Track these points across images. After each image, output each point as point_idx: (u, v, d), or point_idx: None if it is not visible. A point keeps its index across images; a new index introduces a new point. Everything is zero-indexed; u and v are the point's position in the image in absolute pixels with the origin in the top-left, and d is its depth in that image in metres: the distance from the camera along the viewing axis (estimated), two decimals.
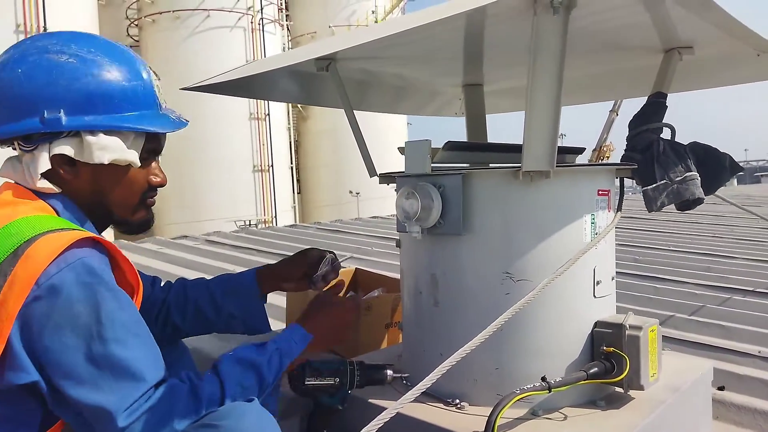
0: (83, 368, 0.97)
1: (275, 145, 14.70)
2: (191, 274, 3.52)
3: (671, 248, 4.33)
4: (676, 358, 1.71)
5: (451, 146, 1.43)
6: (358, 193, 15.55)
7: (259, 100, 13.79)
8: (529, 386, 1.22)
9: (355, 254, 4.13)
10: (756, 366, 2.08)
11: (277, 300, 2.83)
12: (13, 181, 1.15)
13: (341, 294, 1.72)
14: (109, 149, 1.12)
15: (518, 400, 1.19)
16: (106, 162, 1.12)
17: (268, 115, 14.37)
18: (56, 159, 1.11)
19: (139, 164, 1.18)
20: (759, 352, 2.16)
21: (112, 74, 1.13)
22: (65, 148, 1.10)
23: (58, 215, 1.11)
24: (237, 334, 1.62)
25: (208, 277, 1.66)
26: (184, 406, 1.05)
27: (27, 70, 1.08)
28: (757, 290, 3.04)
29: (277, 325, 2.52)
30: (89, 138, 1.11)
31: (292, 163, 16.36)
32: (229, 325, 1.58)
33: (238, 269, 3.78)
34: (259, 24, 14.43)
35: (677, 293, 3.03)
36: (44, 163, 1.10)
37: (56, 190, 1.12)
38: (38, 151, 1.10)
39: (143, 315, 1.35)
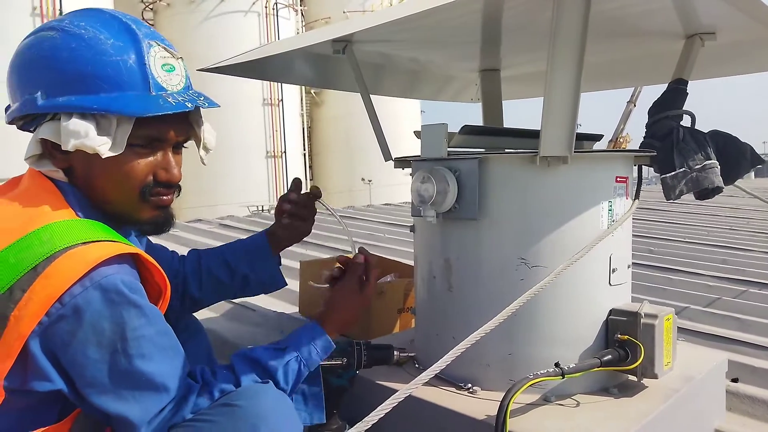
0: (107, 380, 0.97)
1: (288, 131, 14.68)
2: None
3: (686, 240, 4.29)
4: (690, 349, 1.70)
5: (468, 130, 1.42)
6: (370, 181, 15.53)
7: (272, 86, 13.79)
8: (542, 372, 1.22)
9: (368, 240, 4.13)
10: None
11: (289, 282, 2.84)
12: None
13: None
14: (74, 134, 1.00)
15: (531, 385, 1.18)
16: (70, 148, 1.01)
17: (282, 100, 14.34)
18: (45, 144, 1.05)
19: (105, 154, 1.02)
20: None
21: (93, 49, 1.01)
22: (45, 132, 1.03)
23: (75, 212, 1.04)
24: (255, 295, 1.63)
25: None
26: (196, 403, 1.05)
27: (20, 51, 1.05)
28: None
29: (288, 307, 2.54)
30: (64, 122, 1.01)
31: (304, 149, 16.35)
32: (245, 287, 1.57)
33: None
34: (273, 9, 14.38)
35: (692, 285, 3.00)
36: (33, 146, 1.05)
37: (58, 174, 1.07)
38: (35, 134, 1.06)
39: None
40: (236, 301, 2.55)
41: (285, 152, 14.44)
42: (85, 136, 1.00)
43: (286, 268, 3.17)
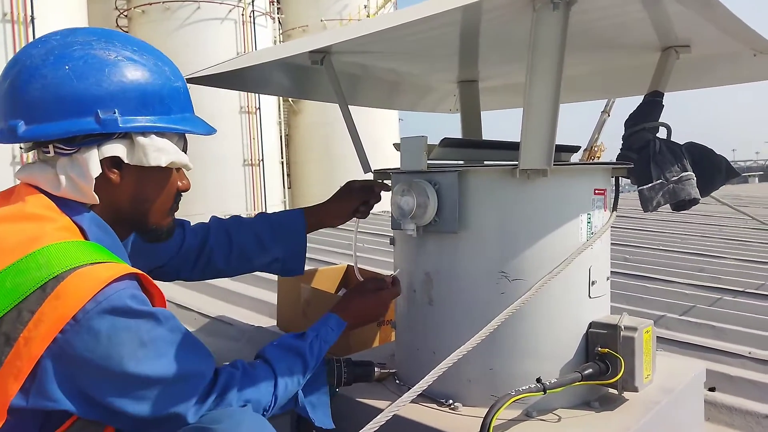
0: (140, 388, 0.98)
1: (266, 139, 14.59)
2: None
3: (661, 248, 4.35)
4: (669, 359, 1.71)
5: (448, 143, 1.41)
6: None
7: (249, 94, 13.71)
8: (524, 388, 1.21)
9: (347, 250, 4.10)
10: (746, 367, 2.08)
11: (266, 296, 2.80)
12: (33, 186, 1.07)
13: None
14: (165, 151, 1.10)
15: (513, 402, 1.17)
16: (163, 164, 1.10)
17: (259, 109, 14.25)
18: (105, 162, 1.05)
19: (191, 167, 1.18)
20: (749, 353, 2.17)
21: (162, 74, 1.10)
22: (117, 149, 1.05)
23: (85, 235, 1.04)
24: (272, 273, 1.70)
25: None
26: (240, 388, 1.10)
27: (76, 67, 1.02)
28: (747, 291, 3.05)
29: (266, 321, 2.50)
30: (142, 140, 1.07)
31: (282, 158, 16.27)
32: (269, 267, 1.64)
33: None
34: (250, 17, 14.30)
35: (668, 293, 3.03)
36: (95, 167, 1.04)
37: (95, 200, 1.05)
38: (81, 153, 1.03)
39: (179, 262, 1.55)
40: (213, 315, 2.50)
41: (263, 160, 14.33)
42: (176, 152, 1.12)
43: (263, 279, 3.15)
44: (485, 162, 1.67)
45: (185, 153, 1.19)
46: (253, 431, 1.02)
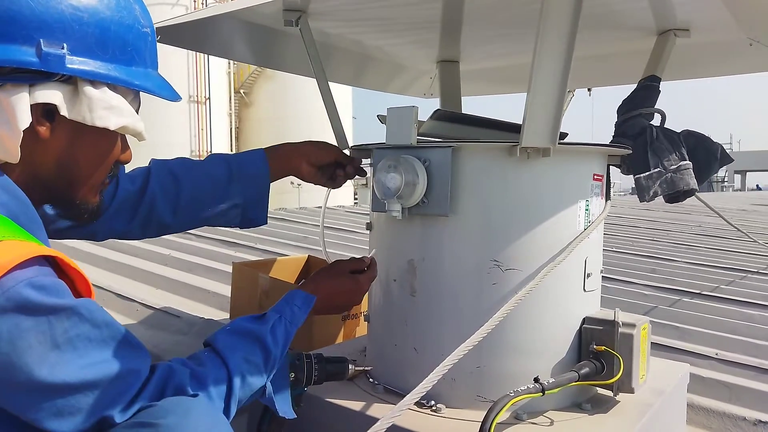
0: (57, 397, 0.78)
1: (215, 131, 14.21)
2: (122, 258, 3.20)
3: (614, 249, 4.37)
4: (652, 360, 1.63)
5: (440, 116, 1.27)
6: (299, 185, 15.25)
7: (199, 82, 13.31)
8: (522, 388, 1.08)
9: (302, 243, 3.93)
10: (714, 368, 2.05)
11: (218, 288, 2.59)
12: None
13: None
14: (118, 111, 0.88)
15: (512, 404, 1.04)
16: (112, 128, 0.89)
17: (209, 98, 13.86)
18: (35, 109, 0.83)
19: (146, 137, 0.96)
20: (716, 354, 2.14)
21: (131, 13, 0.89)
22: (55, 96, 0.83)
23: None
24: (227, 226, 1.44)
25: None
26: (185, 390, 0.91)
27: None
28: (704, 293, 3.07)
29: (217, 313, 2.30)
30: (91, 91, 0.85)
31: (232, 150, 15.84)
32: (226, 216, 1.38)
33: (174, 254, 3.49)
34: (203, 2, 13.88)
35: (627, 293, 3.01)
36: (25, 115, 0.81)
37: (16, 157, 0.83)
38: (5, 92, 0.81)
39: (112, 215, 1.27)
40: (157, 306, 2.28)
41: (211, 152, 13.91)
42: (131, 114, 0.91)
43: (216, 271, 2.92)
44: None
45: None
46: (203, 423, 0.84)
